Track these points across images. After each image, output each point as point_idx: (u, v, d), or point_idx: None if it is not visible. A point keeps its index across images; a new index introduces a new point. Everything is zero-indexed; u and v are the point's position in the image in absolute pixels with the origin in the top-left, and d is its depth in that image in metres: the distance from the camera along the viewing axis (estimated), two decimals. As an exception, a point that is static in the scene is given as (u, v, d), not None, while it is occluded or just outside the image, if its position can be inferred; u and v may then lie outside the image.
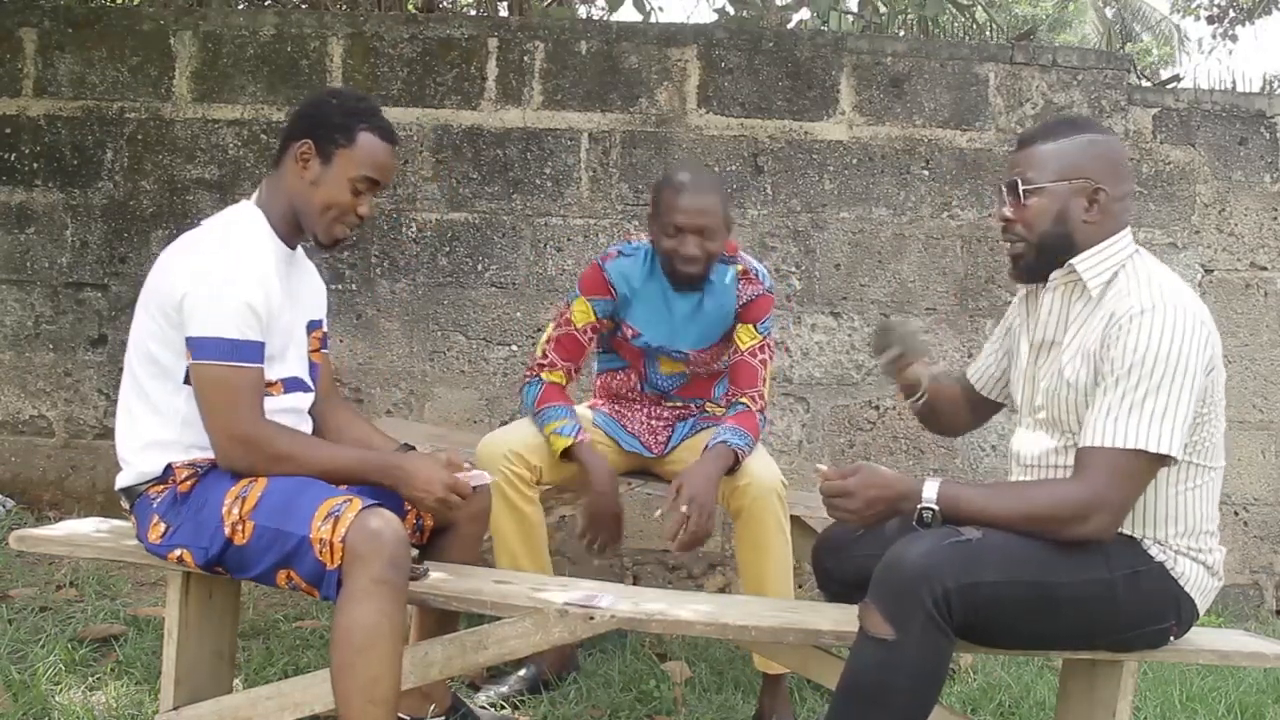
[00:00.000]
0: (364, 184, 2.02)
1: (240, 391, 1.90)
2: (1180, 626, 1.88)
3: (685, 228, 2.45)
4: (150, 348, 1.96)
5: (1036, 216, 1.87)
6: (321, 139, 2.00)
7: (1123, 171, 1.91)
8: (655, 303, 2.60)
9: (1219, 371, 1.84)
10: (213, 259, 1.92)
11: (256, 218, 2.02)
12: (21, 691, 2.28)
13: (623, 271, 2.60)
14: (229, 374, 1.89)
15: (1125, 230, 1.89)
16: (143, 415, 1.99)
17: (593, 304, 2.59)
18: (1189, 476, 1.85)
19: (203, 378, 1.90)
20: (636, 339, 2.63)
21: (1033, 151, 1.89)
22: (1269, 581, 3.83)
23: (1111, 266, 1.86)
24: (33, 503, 3.69)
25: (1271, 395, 3.82)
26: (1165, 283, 1.82)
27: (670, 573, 3.67)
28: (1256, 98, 3.92)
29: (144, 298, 2.00)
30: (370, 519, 1.81)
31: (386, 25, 3.76)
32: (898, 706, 1.71)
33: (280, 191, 2.03)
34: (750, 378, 2.60)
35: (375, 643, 1.77)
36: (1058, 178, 1.86)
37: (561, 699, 2.55)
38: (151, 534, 1.96)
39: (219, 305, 1.88)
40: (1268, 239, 3.83)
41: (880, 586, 1.73)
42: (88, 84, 3.76)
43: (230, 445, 1.91)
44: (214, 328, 1.88)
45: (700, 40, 3.76)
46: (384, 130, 2.03)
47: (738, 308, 2.60)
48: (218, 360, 1.88)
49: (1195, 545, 1.86)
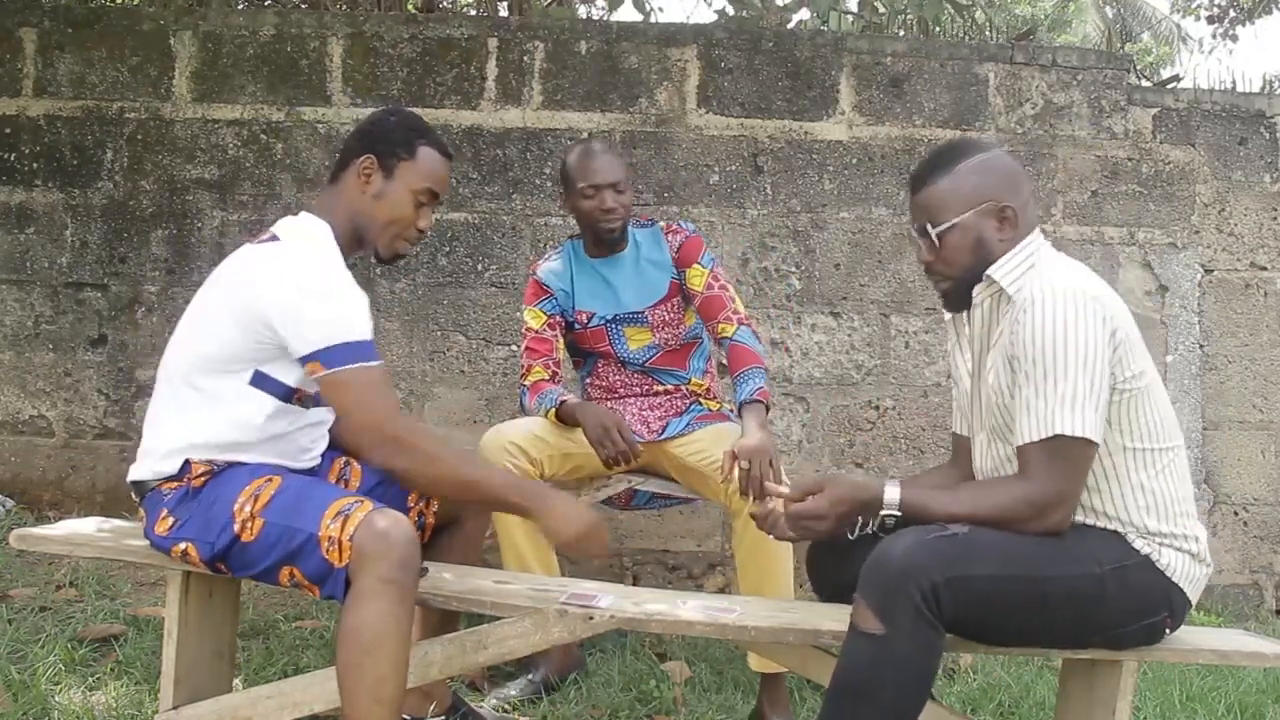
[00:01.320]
0: (425, 196, 2.08)
1: (386, 389, 1.95)
2: (1174, 619, 1.89)
3: (600, 185, 2.67)
4: (226, 350, 1.95)
5: (955, 253, 1.92)
6: (384, 154, 2.06)
7: (1018, 179, 1.94)
8: (591, 280, 2.80)
9: (1133, 345, 1.84)
10: (317, 270, 1.95)
11: (326, 231, 2.05)
12: (21, 691, 2.29)
13: (552, 270, 2.82)
14: (373, 374, 1.91)
15: (1034, 231, 1.92)
16: (187, 414, 1.98)
17: (539, 306, 2.79)
18: (1149, 462, 1.86)
19: (345, 384, 1.90)
20: (592, 320, 2.79)
21: (931, 192, 1.92)
22: (1269, 581, 3.83)
23: (1025, 267, 1.89)
24: (33, 503, 3.69)
25: (1271, 395, 3.82)
26: (1056, 270, 1.86)
27: (670, 573, 3.67)
28: (1256, 98, 3.92)
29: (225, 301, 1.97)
30: (379, 519, 1.81)
31: (386, 25, 3.76)
32: (889, 701, 1.72)
33: (341, 206, 2.07)
34: (719, 305, 2.75)
35: (382, 643, 1.78)
36: (964, 209, 1.89)
37: (562, 699, 2.55)
38: (159, 527, 1.96)
39: (344, 311, 1.91)
40: (1268, 239, 3.84)
41: (869, 582, 1.74)
42: (88, 84, 3.76)
43: (387, 443, 1.91)
44: (344, 333, 1.89)
45: (700, 40, 3.76)
46: (441, 146, 2.13)
47: (673, 256, 2.79)
48: (359, 363, 1.90)
49: (1176, 530, 1.87)
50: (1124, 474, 1.85)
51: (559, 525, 1.96)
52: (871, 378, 3.74)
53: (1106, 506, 1.86)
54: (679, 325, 2.81)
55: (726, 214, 3.71)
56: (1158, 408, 1.88)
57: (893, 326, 3.75)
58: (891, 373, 3.75)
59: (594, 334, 2.80)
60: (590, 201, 2.70)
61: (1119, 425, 1.85)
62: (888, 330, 3.75)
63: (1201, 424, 3.79)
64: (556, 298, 2.80)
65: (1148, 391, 1.86)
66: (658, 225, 2.86)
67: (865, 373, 3.74)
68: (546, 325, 2.78)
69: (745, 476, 2.43)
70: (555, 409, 2.67)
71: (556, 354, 2.79)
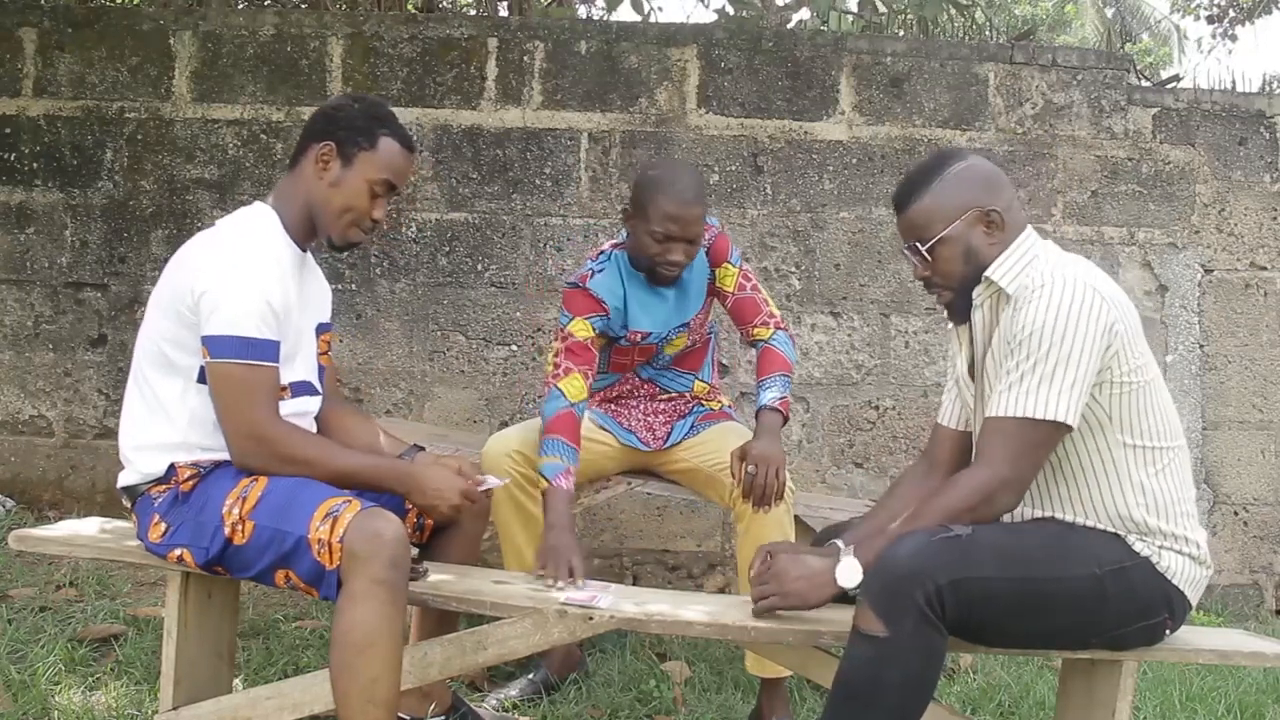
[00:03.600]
0: (382, 187, 2.04)
1: (257, 390, 1.91)
2: (1174, 620, 1.89)
3: (675, 237, 2.47)
4: (162, 347, 1.96)
5: (948, 265, 1.93)
6: (344, 141, 2.02)
7: (998, 182, 1.96)
8: (645, 298, 2.62)
9: (1133, 338, 1.85)
10: (231, 258, 1.93)
11: (271, 219, 2.03)
12: (21, 691, 2.29)
13: (606, 286, 2.59)
14: (246, 372, 1.89)
15: (1026, 228, 1.94)
16: (148, 415, 1.98)
17: (590, 321, 2.56)
18: (1150, 460, 1.87)
19: (219, 375, 1.90)
20: (647, 339, 2.65)
21: (915, 210, 1.94)
22: (1269, 581, 3.83)
23: (1023, 265, 1.90)
24: (33, 503, 3.69)
25: (1271, 395, 3.82)
26: (1061, 261, 1.88)
27: (670, 573, 3.67)
28: (1256, 98, 3.92)
29: (156, 296, 2.00)
30: (369, 520, 1.81)
31: (386, 25, 3.76)
32: (892, 703, 1.71)
33: (297, 193, 2.04)
34: (754, 309, 2.65)
35: (375, 643, 1.77)
36: (949, 221, 1.91)
37: (562, 699, 2.55)
38: (152, 533, 1.96)
39: (237, 303, 1.88)
40: (1267, 239, 3.84)
41: (872, 584, 1.74)
42: (87, 84, 3.76)
43: (245, 444, 1.91)
44: (231, 326, 1.88)
45: (700, 40, 3.76)
46: (404, 138, 2.07)
47: (708, 255, 2.64)
48: (235, 358, 1.88)
49: (1176, 532, 1.87)
50: (1124, 472, 1.86)
51: (432, 501, 1.98)
52: (871, 378, 3.74)
53: (1105, 504, 1.86)
54: (705, 324, 2.75)
55: (726, 214, 3.70)
56: (1159, 406, 1.88)
57: (892, 326, 3.75)
58: (891, 373, 3.75)
59: (642, 350, 2.68)
60: (658, 245, 2.49)
61: (1119, 421, 1.85)
62: (887, 330, 3.75)
63: (1201, 424, 3.79)
64: (609, 316, 2.59)
65: (1149, 387, 1.86)
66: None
67: (865, 373, 3.74)
68: (591, 341, 2.56)
69: (749, 481, 2.41)
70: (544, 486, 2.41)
71: (594, 366, 2.60)
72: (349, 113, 2.05)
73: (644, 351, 2.69)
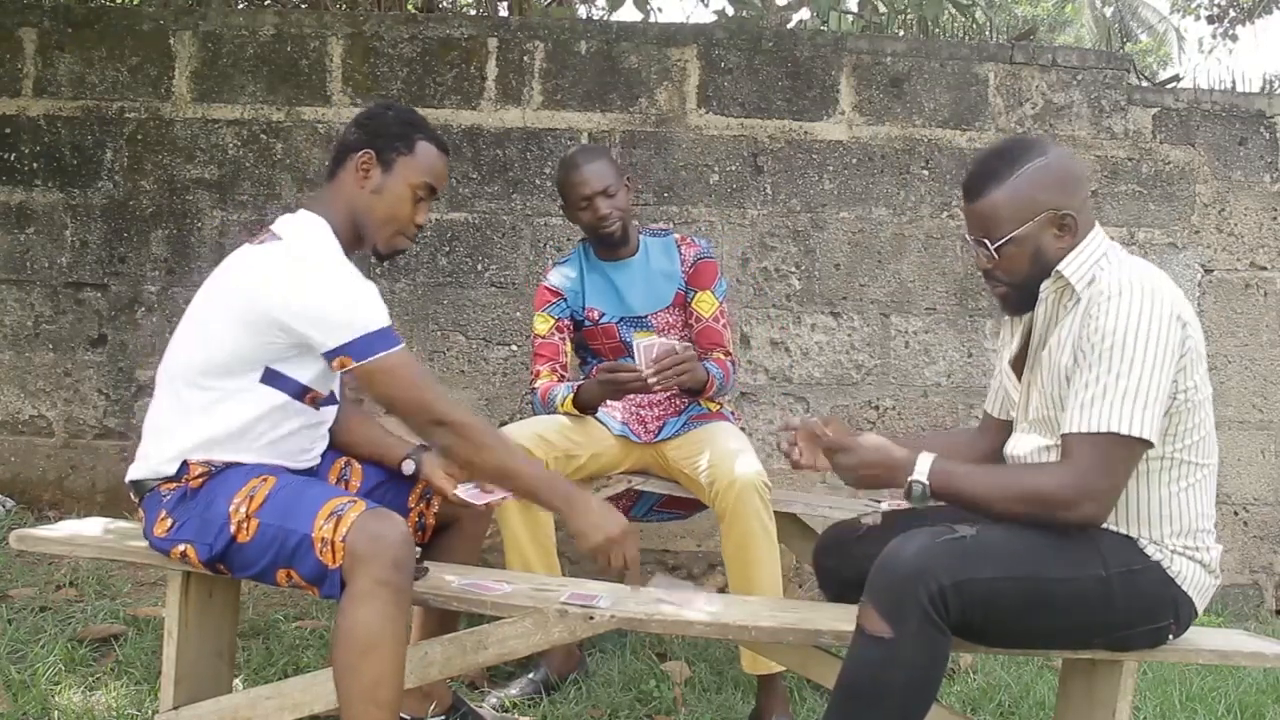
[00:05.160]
0: (424, 190, 2.08)
1: (420, 369, 1.97)
2: (1179, 626, 1.88)
3: (590, 194, 2.73)
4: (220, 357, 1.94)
5: (1014, 263, 1.88)
6: (382, 148, 2.05)
7: (1075, 181, 1.90)
8: (600, 282, 2.85)
9: (1199, 359, 1.82)
10: (326, 265, 1.94)
11: (326, 228, 2.03)
12: (21, 691, 2.29)
13: (562, 273, 2.88)
14: (403, 358, 1.92)
15: (1095, 226, 1.90)
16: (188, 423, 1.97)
17: (546, 311, 2.84)
18: (1183, 474, 1.84)
19: (379, 372, 1.90)
20: (603, 318, 2.84)
21: (985, 204, 1.86)
22: (1269, 581, 3.83)
23: (1092, 263, 1.86)
24: (33, 503, 3.69)
25: (1271, 395, 3.82)
26: (1138, 269, 1.83)
27: (670, 573, 3.67)
28: (1256, 98, 3.92)
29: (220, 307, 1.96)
30: (372, 520, 1.81)
31: (386, 25, 3.76)
32: (895, 705, 1.71)
33: (339, 203, 2.05)
34: (717, 338, 2.83)
35: (378, 644, 1.77)
36: (1021, 221, 1.85)
37: (562, 699, 2.55)
38: (158, 528, 1.96)
39: (360, 301, 1.90)
40: (1267, 239, 3.83)
41: (876, 584, 1.73)
42: (87, 84, 3.76)
43: (438, 426, 1.93)
44: (366, 324, 1.89)
45: (700, 40, 3.76)
46: (439, 141, 2.12)
47: (684, 271, 2.84)
48: (386, 350, 1.89)
49: (1192, 544, 1.85)
50: (1152, 481, 1.83)
51: (588, 530, 1.96)
52: (871, 378, 3.74)
53: (1127, 509, 1.83)
54: (679, 329, 2.85)
55: (726, 214, 3.71)
56: (1204, 424, 1.85)
57: (892, 326, 3.75)
58: (891, 373, 3.75)
59: (605, 331, 2.84)
60: (585, 212, 2.76)
61: (1164, 432, 1.81)
62: (887, 330, 3.75)
63: (1201, 424, 3.79)
64: (566, 299, 2.84)
65: (1200, 406, 1.83)
66: (672, 235, 2.90)
67: (865, 373, 3.74)
68: (554, 329, 2.83)
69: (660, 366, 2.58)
70: (571, 396, 2.72)
71: (563, 357, 2.84)
72: (384, 120, 2.08)
73: (608, 333, 2.84)
